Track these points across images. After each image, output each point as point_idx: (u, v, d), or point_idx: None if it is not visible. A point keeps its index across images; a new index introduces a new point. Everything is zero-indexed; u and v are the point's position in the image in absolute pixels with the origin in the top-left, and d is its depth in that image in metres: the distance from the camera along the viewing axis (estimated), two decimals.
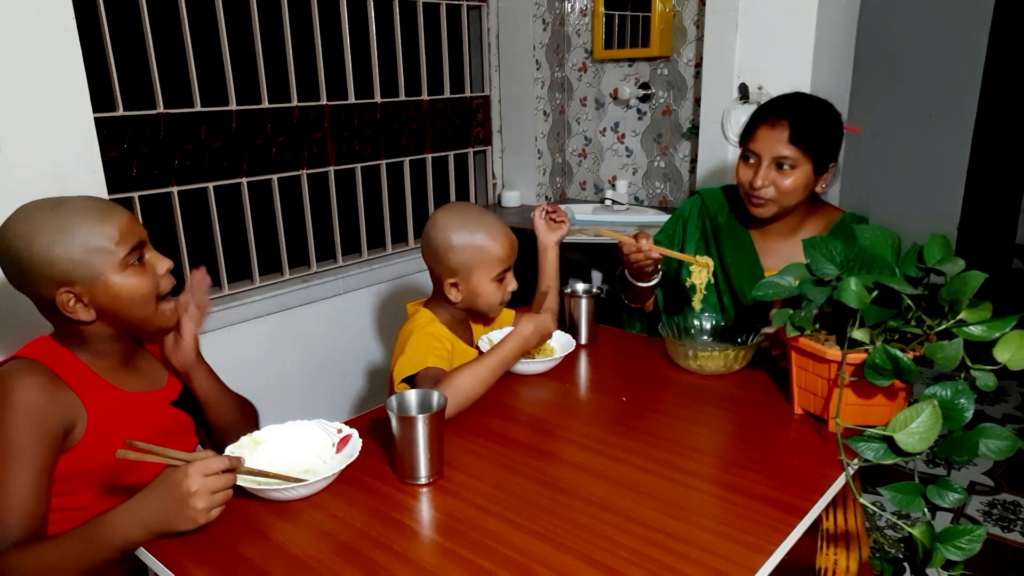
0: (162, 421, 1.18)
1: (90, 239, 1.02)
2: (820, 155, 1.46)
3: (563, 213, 1.64)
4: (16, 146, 1.52)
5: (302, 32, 2.28)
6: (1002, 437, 0.98)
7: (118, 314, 1.07)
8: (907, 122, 3.94)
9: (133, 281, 1.06)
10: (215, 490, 0.92)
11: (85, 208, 1.04)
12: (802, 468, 1.07)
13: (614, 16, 2.76)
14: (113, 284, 1.04)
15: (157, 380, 1.21)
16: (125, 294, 1.06)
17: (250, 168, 2.22)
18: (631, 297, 1.72)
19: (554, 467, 1.09)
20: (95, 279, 1.03)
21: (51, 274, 1.01)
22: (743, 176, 1.52)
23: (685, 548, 0.89)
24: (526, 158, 3.03)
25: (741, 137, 1.55)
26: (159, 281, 1.10)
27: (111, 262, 1.04)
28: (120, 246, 1.04)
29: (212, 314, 2.08)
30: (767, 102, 1.55)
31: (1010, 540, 2.14)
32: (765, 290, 1.18)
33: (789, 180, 1.46)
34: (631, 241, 1.49)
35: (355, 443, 1.09)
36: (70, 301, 1.03)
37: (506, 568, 0.86)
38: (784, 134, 1.45)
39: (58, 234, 1.00)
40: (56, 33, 1.55)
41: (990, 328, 0.99)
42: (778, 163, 1.46)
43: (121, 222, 1.05)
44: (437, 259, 1.42)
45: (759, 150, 1.48)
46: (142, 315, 1.09)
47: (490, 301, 1.44)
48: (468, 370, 1.26)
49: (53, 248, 1.00)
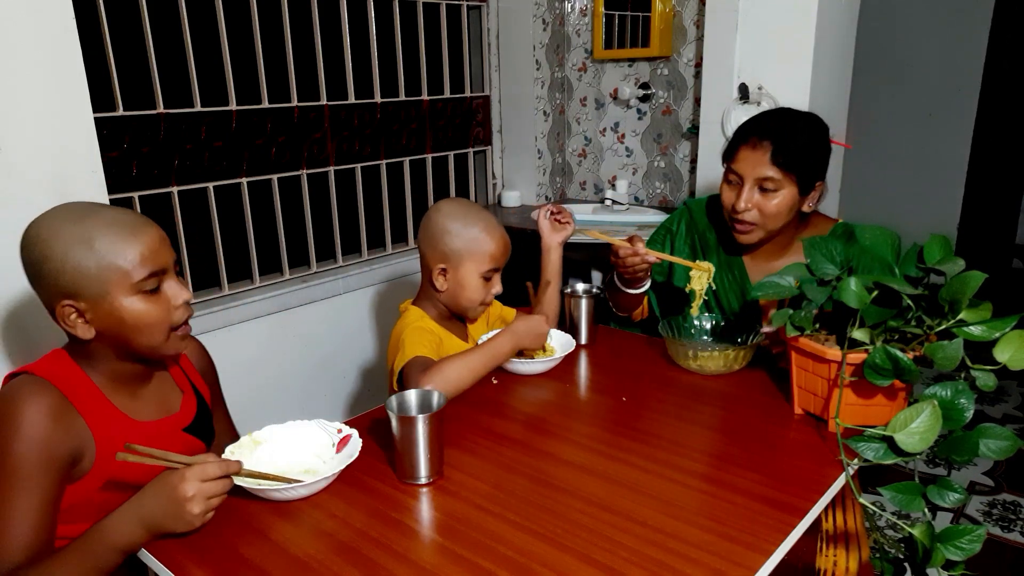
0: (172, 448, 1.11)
1: (108, 256, 0.97)
2: (804, 175, 1.42)
3: (568, 214, 1.64)
4: (16, 146, 1.52)
5: (302, 32, 2.28)
6: (1002, 437, 0.98)
7: (119, 337, 1.02)
8: (907, 122, 3.94)
9: (141, 308, 1.01)
10: (211, 495, 0.92)
11: (114, 223, 0.99)
12: (802, 468, 1.07)
13: (614, 16, 2.76)
14: (119, 307, 0.99)
15: (170, 405, 1.16)
16: (130, 319, 1.00)
17: (250, 168, 2.22)
18: (620, 305, 1.71)
19: (554, 467, 1.09)
20: (102, 298, 0.98)
21: (59, 283, 0.97)
22: (726, 199, 1.49)
23: (685, 548, 0.89)
24: (526, 158, 3.03)
25: (723, 158, 1.51)
26: (172, 312, 1.04)
27: (123, 284, 0.99)
28: (137, 269, 0.99)
29: (212, 314, 2.08)
30: (749, 121, 1.50)
31: (1010, 540, 2.14)
32: (765, 290, 1.18)
33: (773, 203, 1.42)
34: (626, 244, 1.47)
35: (355, 443, 1.09)
36: (71, 315, 0.99)
37: (506, 568, 0.86)
38: (766, 155, 1.40)
39: (77, 244, 0.96)
40: (56, 33, 1.55)
41: (990, 328, 0.99)
42: (761, 186, 1.42)
43: (147, 245, 1.00)
44: (432, 243, 1.44)
45: (741, 171, 1.44)
46: (148, 343, 1.04)
47: (472, 297, 1.45)
48: (458, 359, 1.28)
49: (68, 258, 0.96)
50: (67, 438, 0.98)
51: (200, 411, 1.21)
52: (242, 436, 1.11)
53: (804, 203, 1.47)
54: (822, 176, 1.47)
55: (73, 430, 0.99)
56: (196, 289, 2.16)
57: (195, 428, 1.18)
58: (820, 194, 1.49)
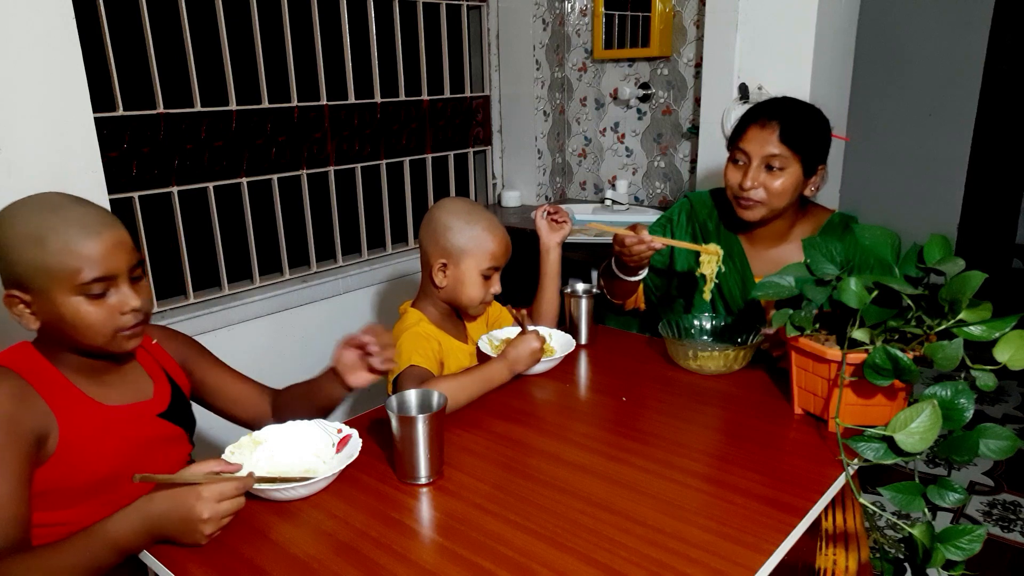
0: (145, 433, 1.14)
1: (59, 254, 0.97)
2: (809, 156, 1.47)
3: (565, 213, 1.65)
4: (16, 146, 1.52)
5: (302, 32, 2.28)
6: (1002, 437, 0.98)
7: (61, 333, 1.03)
8: (907, 122, 3.94)
9: (82, 310, 1.00)
10: (225, 515, 0.92)
11: (76, 221, 0.99)
12: (802, 468, 1.07)
13: (614, 16, 2.76)
14: (59, 304, 1.00)
15: (142, 391, 1.16)
16: (69, 319, 1.00)
17: (250, 168, 2.22)
18: (615, 293, 1.72)
19: (554, 467, 1.09)
20: (45, 293, 0.99)
21: (9, 273, 0.99)
22: (732, 178, 1.52)
23: (685, 548, 0.89)
24: (526, 158, 3.03)
25: (730, 140, 1.55)
26: (117, 317, 1.03)
27: (67, 284, 0.99)
28: (84, 272, 0.99)
29: (212, 314, 2.08)
30: (756, 105, 1.56)
31: (1010, 540, 2.14)
32: (765, 290, 1.18)
33: (779, 181, 1.46)
34: (630, 233, 1.48)
35: (355, 443, 1.09)
36: (17, 304, 1.01)
37: (506, 568, 0.86)
38: (774, 134, 1.45)
39: (31, 238, 0.97)
40: (56, 33, 1.55)
41: (990, 328, 0.99)
42: (768, 165, 1.47)
43: (103, 247, 1.00)
44: (434, 238, 1.45)
45: (749, 150, 1.48)
46: (89, 343, 1.04)
47: (472, 295, 1.45)
48: (454, 381, 1.27)
49: (20, 249, 0.97)
50: (30, 417, 1.00)
51: (175, 398, 1.21)
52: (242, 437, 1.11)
53: (807, 186, 1.51)
54: (823, 160, 1.52)
55: (36, 410, 1.01)
56: (196, 289, 2.16)
57: (171, 415, 1.19)
58: (821, 179, 1.53)
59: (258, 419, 1.30)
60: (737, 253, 1.60)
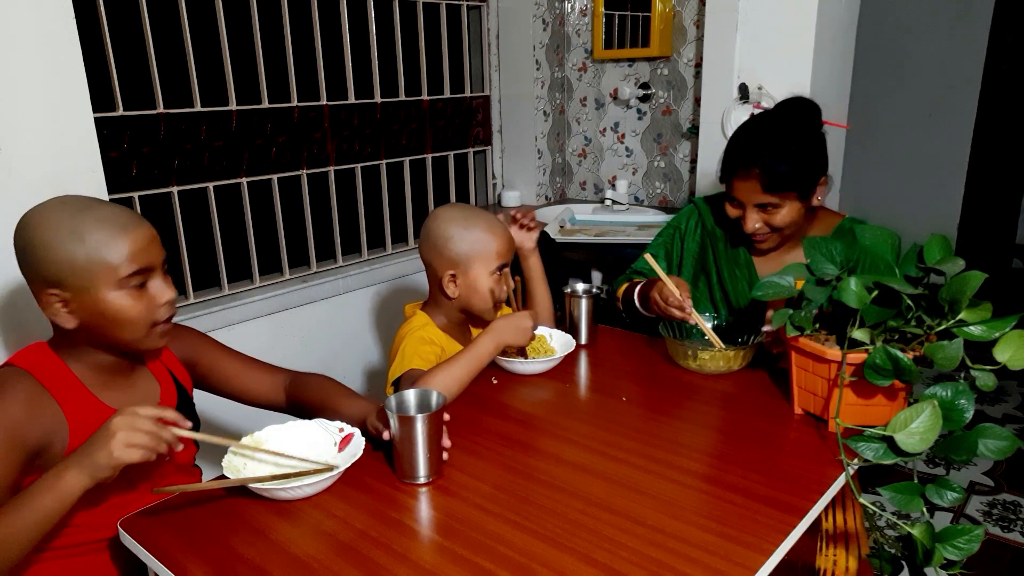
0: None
1: (97, 250, 0.99)
2: (802, 187, 1.42)
3: (531, 214, 1.62)
4: (16, 146, 1.52)
5: (302, 32, 2.28)
6: (1002, 437, 0.98)
7: (100, 329, 1.04)
8: (907, 122, 3.94)
9: (124, 303, 1.03)
10: (139, 430, 0.94)
11: (107, 218, 1.01)
12: (802, 468, 1.07)
13: (614, 16, 2.76)
14: (102, 300, 1.01)
15: (150, 395, 1.18)
16: (111, 313, 1.02)
17: (250, 168, 2.22)
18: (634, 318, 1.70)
19: (554, 467, 1.09)
20: (86, 290, 1.01)
21: (47, 273, 1.00)
22: (732, 215, 1.51)
23: (685, 548, 0.89)
24: (526, 158, 3.03)
25: (720, 176, 1.52)
26: (155, 310, 1.06)
27: (109, 279, 1.01)
28: (125, 266, 1.01)
29: (212, 314, 2.08)
30: (734, 139, 1.48)
31: (1010, 540, 2.14)
32: (765, 290, 1.18)
33: (778, 217, 1.44)
34: (676, 293, 1.42)
35: (358, 441, 1.09)
36: (55, 303, 1.02)
37: (506, 568, 0.86)
38: (758, 184, 1.41)
39: (68, 236, 0.99)
40: (56, 33, 1.55)
41: (990, 328, 0.99)
42: (762, 205, 1.44)
43: (136, 242, 1.02)
44: (436, 251, 1.44)
45: (740, 198, 1.47)
46: (128, 337, 1.06)
47: (486, 297, 1.45)
48: (443, 369, 1.27)
49: (58, 248, 0.99)
50: (38, 424, 1.01)
51: (181, 400, 1.22)
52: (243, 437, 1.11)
53: (812, 200, 1.47)
54: (822, 171, 1.46)
55: (46, 416, 1.03)
56: (196, 289, 2.16)
57: None
58: (826, 188, 1.49)
59: (273, 402, 1.33)
60: (744, 259, 1.60)
